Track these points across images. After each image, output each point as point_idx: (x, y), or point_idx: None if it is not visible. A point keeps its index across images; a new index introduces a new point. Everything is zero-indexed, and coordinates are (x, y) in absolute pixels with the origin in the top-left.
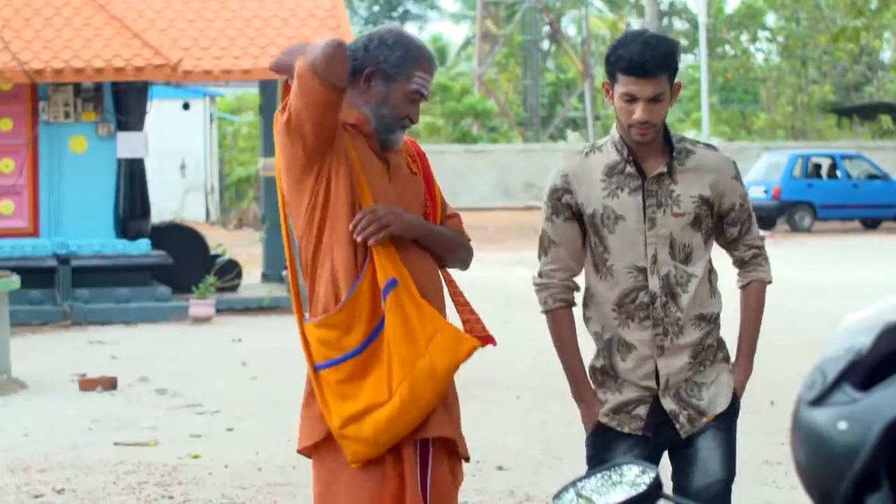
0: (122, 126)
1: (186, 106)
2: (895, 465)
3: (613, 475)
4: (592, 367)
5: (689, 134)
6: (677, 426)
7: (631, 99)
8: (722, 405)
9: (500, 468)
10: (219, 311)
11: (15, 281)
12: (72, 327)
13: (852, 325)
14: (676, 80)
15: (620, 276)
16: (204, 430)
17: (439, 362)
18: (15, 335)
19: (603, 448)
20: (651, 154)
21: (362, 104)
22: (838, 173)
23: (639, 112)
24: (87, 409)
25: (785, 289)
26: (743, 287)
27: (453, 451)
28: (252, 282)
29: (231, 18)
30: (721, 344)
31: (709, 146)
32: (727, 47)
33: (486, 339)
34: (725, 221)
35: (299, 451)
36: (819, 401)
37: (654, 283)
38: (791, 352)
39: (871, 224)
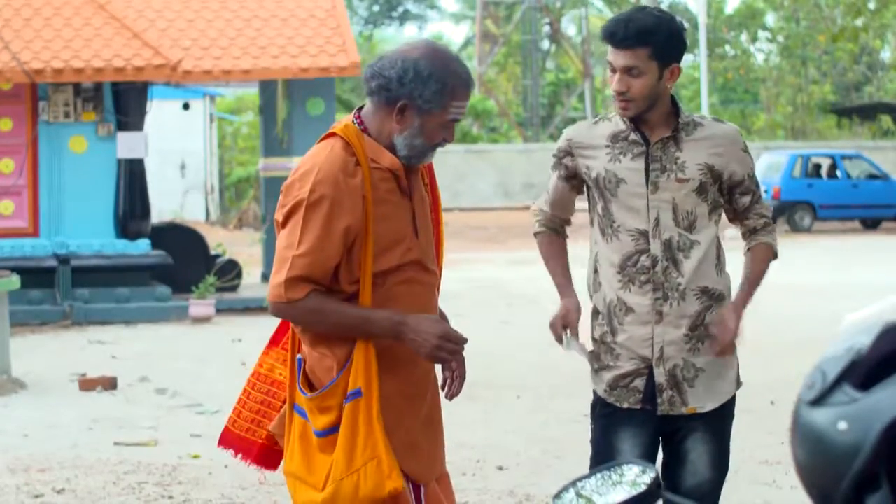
0: (122, 126)
1: (186, 106)
2: (895, 465)
3: (613, 475)
4: (594, 339)
5: None
6: (658, 401)
7: (613, 69)
8: (712, 404)
9: (501, 468)
10: (219, 311)
11: (15, 281)
12: (72, 327)
13: (852, 325)
14: (677, 63)
15: (624, 238)
16: (204, 429)
17: (363, 488)
18: (15, 335)
19: (606, 428)
20: (657, 124)
21: (395, 132)
22: (838, 173)
23: (615, 82)
24: (87, 408)
25: (785, 289)
26: (749, 249)
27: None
28: (252, 282)
29: (231, 18)
30: None
31: (718, 120)
32: (727, 47)
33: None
34: (737, 191)
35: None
36: (819, 401)
37: (656, 247)
38: (791, 352)
39: (870, 224)
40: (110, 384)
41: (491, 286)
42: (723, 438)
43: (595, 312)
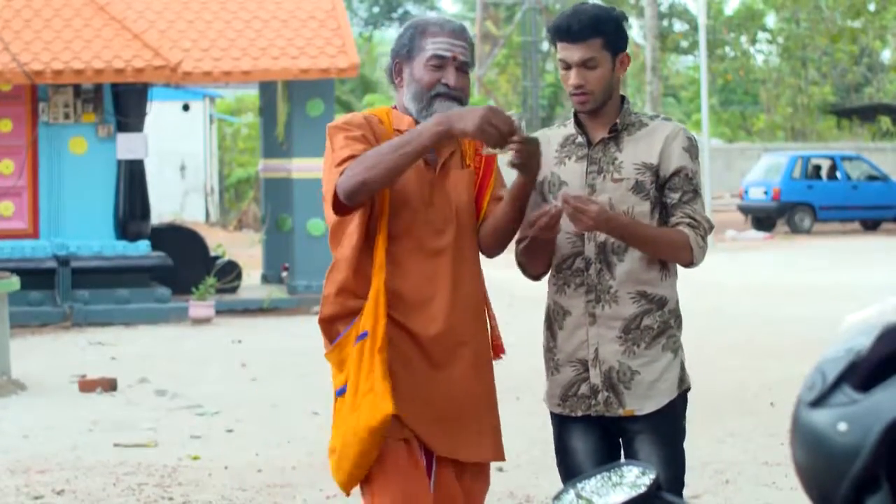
0: (122, 127)
1: (186, 107)
2: (895, 466)
3: (613, 476)
4: (543, 346)
5: None
6: (593, 402)
7: (566, 66)
8: (650, 407)
9: (501, 469)
10: (218, 312)
11: (15, 282)
12: (71, 328)
13: (852, 326)
14: (625, 51)
15: (561, 241)
16: (204, 431)
17: (362, 421)
18: (15, 336)
19: (565, 439)
20: (602, 125)
21: (403, 96)
22: (838, 174)
23: (572, 77)
24: (87, 410)
25: (784, 290)
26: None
27: (471, 465)
28: (252, 283)
29: (231, 20)
30: (666, 331)
31: (667, 119)
32: (727, 49)
33: (500, 349)
34: (668, 186)
35: None
36: (819, 402)
37: (590, 249)
38: (790, 353)
39: (870, 225)
40: (110, 385)
41: (491, 287)
42: (672, 439)
43: (543, 322)
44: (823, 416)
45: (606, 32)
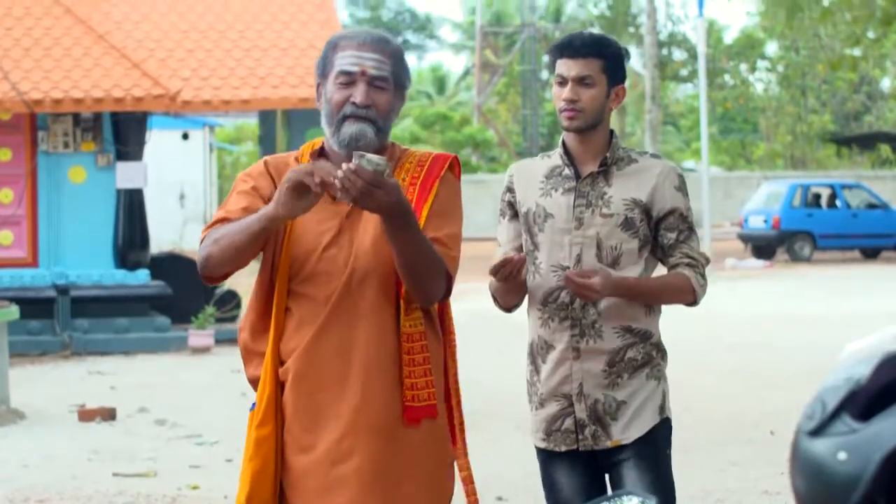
0: (122, 156)
1: (186, 136)
2: (895, 495)
3: None
4: (526, 380)
5: (689, 164)
6: (580, 437)
7: (561, 81)
8: (635, 434)
9: (500, 499)
10: (218, 341)
11: (14, 311)
12: (71, 357)
13: (852, 354)
14: (621, 85)
15: (546, 274)
16: (203, 460)
17: (240, 490)
18: (14, 365)
19: (551, 474)
20: (590, 157)
21: (323, 126)
22: (838, 203)
23: (566, 91)
24: (86, 439)
25: (784, 318)
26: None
27: None
28: None
29: (230, 49)
30: (650, 361)
31: (655, 156)
32: (727, 77)
33: (424, 411)
34: (662, 226)
35: None
36: (818, 431)
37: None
38: (790, 382)
39: (870, 254)
40: (109, 415)
41: (490, 317)
42: (656, 464)
43: (526, 356)
44: (823, 445)
45: (607, 57)
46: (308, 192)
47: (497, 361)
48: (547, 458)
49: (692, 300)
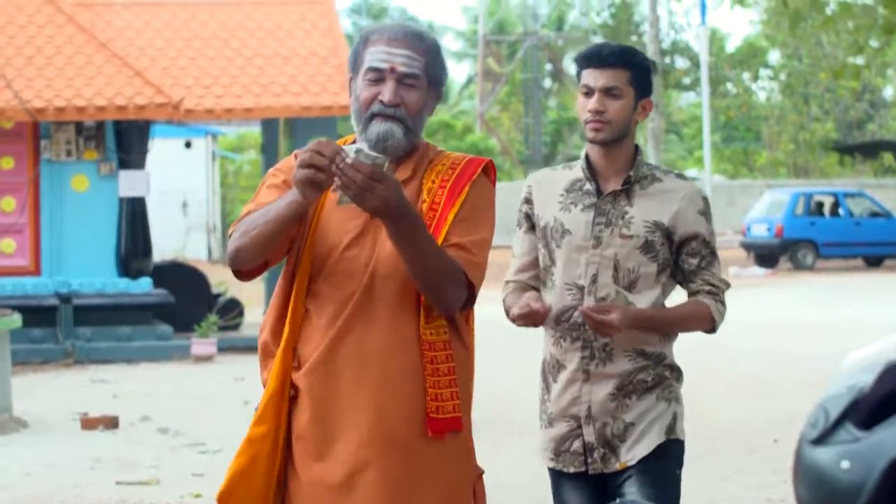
0: (124, 164)
1: (188, 144)
2: None
3: None
4: (539, 398)
5: (691, 172)
6: (589, 460)
7: (587, 92)
8: (640, 453)
9: None
10: (221, 349)
11: (16, 320)
12: (73, 366)
13: (855, 363)
14: (648, 98)
15: (560, 292)
16: (206, 469)
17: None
18: (16, 374)
19: (561, 494)
20: (614, 174)
21: (353, 123)
22: (840, 211)
23: (592, 102)
24: (89, 448)
25: (787, 327)
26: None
27: None
28: (254, 320)
29: (233, 57)
30: (661, 383)
31: (681, 176)
32: (729, 85)
33: (448, 424)
34: (684, 252)
35: None
36: (822, 439)
37: (589, 304)
38: (793, 390)
39: (873, 262)
40: (112, 423)
41: (494, 324)
42: (662, 483)
43: (540, 372)
44: (826, 453)
45: (635, 68)
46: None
47: (503, 368)
48: (557, 477)
49: (710, 328)
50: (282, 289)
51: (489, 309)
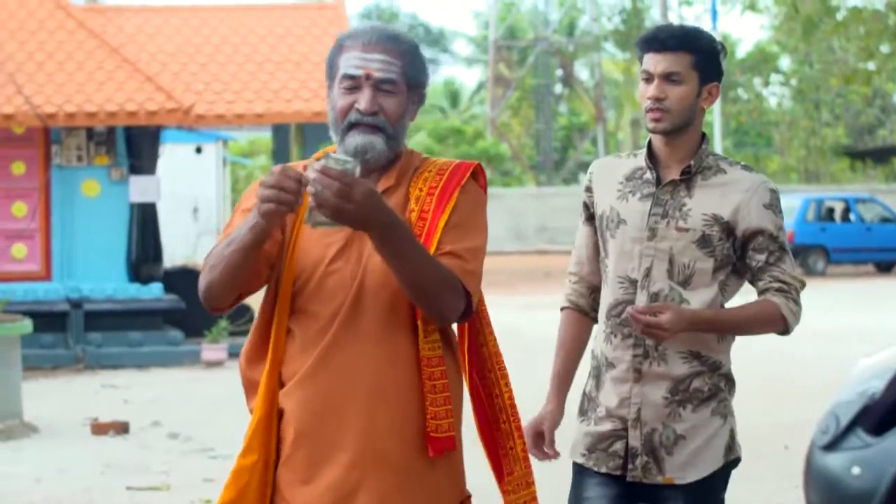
0: (135, 170)
1: (199, 150)
2: None
3: None
4: (584, 393)
5: None
6: (629, 466)
7: (647, 77)
8: (693, 476)
9: None
10: (231, 355)
11: (27, 325)
12: (84, 371)
13: (865, 369)
14: (716, 83)
15: (613, 284)
16: (217, 474)
17: None
18: (27, 379)
19: (581, 491)
20: (676, 162)
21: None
22: (852, 217)
23: (651, 89)
24: (100, 453)
25: (798, 332)
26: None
27: None
28: None
29: (243, 62)
30: (716, 395)
31: (747, 168)
32: (740, 91)
33: (445, 443)
34: (751, 247)
35: None
36: (833, 445)
37: (642, 299)
38: (804, 396)
39: (884, 267)
40: (123, 428)
41: (504, 331)
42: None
43: (591, 366)
44: (837, 459)
45: (698, 51)
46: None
47: (514, 377)
48: (581, 474)
49: (783, 329)
50: (264, 311)
51: (499, 316)
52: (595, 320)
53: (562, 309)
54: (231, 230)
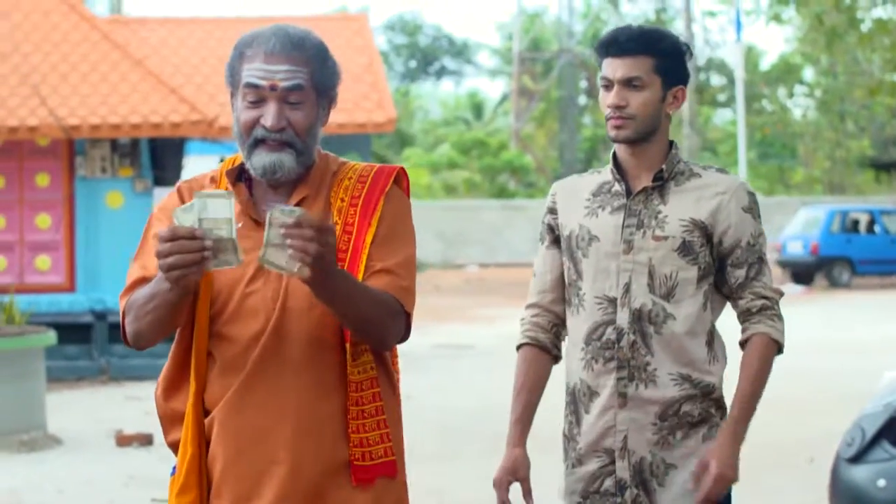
0: (159, 182)
1: (223, 161)
2: None
3: None
4: (563, 435)
5: None
6: (618, 501)
7: (607, 84)
8: None
9: None
10: None
11: (51, 336)
12: (108, 383)
13: (891, 381)
14: (681, 86)
15: (590, 307)
16: None
17: None
18: (51, 391)
19: None
20: (645, 171)
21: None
22: (877, 228)
23: (611, 96)
24: (124, 465)
25: (823, 345)
26: (742, 343)
27: None
28: None
29: None
30: (707, 420)
31: (722, 171)
32: (765, 102)
33: (379, 470)
34: (729, 262)
35: None
36: (858, 458)
37: (623, 317)
38: (829, 408)
39: None
40: (146, 440)
41: (510, 339)
42: None
43: (565, 404)
44: (862, 472)
45: (660, 54)
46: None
47: None
48: None
49: (779, 352)
50: (182, 337)
51: (508, 326)
52: (556, 358)
53: (518, 347)
54: (144, 260)
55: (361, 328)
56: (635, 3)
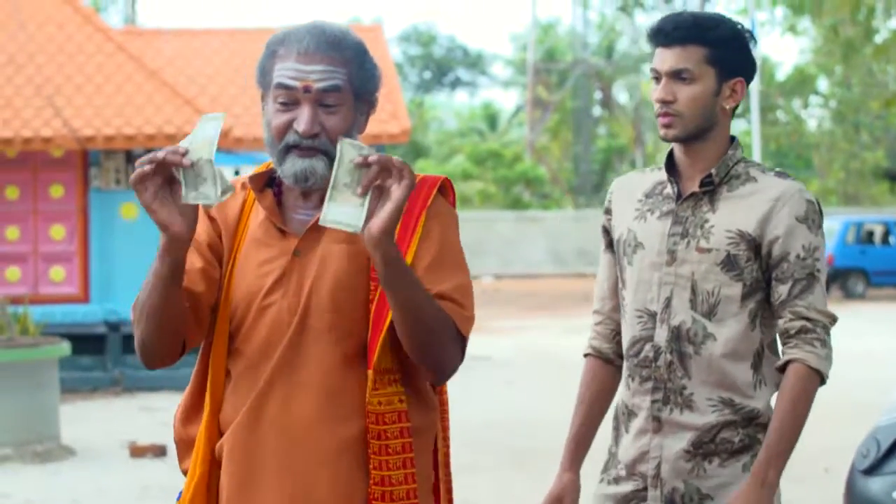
0: None
1: (237, 173)
2: None
3: None
4: (609, 449)
5: None
6: None
7: (657, 76)
8: None
9: None
10: None
11: (65, 347)
12: (122, 394)
13: None
14: (740, 78)
15: (631, 319)
16: None
17: None
18: (65, 402)
19: None
20: (699, 173)
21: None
22: (891, 239)
23: (658, 90)
24: (138, 476)
25: (838, 356)
26: (779, 369)
27: None
28: None
29: None
30: (750, 448)
31: (781, 174)
32: (779, 113)
33: None
34: (775, 276)
35: None
36: (873, 470)
37: (661, 335)
38: (844, 419)
39: None
40: (160, 451)
41: (543, 354)
42: None
43: (613, 417)
44: (878, 484)
45: (713, 42)
46: (169, 182)
47: (545, 397)
48: None
49: (821, 382)
50: (202, 356)
51: (527, 338)
52: (620, 369)
53: (585, 356)
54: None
55: (421, 340)
56: (650, 14)
